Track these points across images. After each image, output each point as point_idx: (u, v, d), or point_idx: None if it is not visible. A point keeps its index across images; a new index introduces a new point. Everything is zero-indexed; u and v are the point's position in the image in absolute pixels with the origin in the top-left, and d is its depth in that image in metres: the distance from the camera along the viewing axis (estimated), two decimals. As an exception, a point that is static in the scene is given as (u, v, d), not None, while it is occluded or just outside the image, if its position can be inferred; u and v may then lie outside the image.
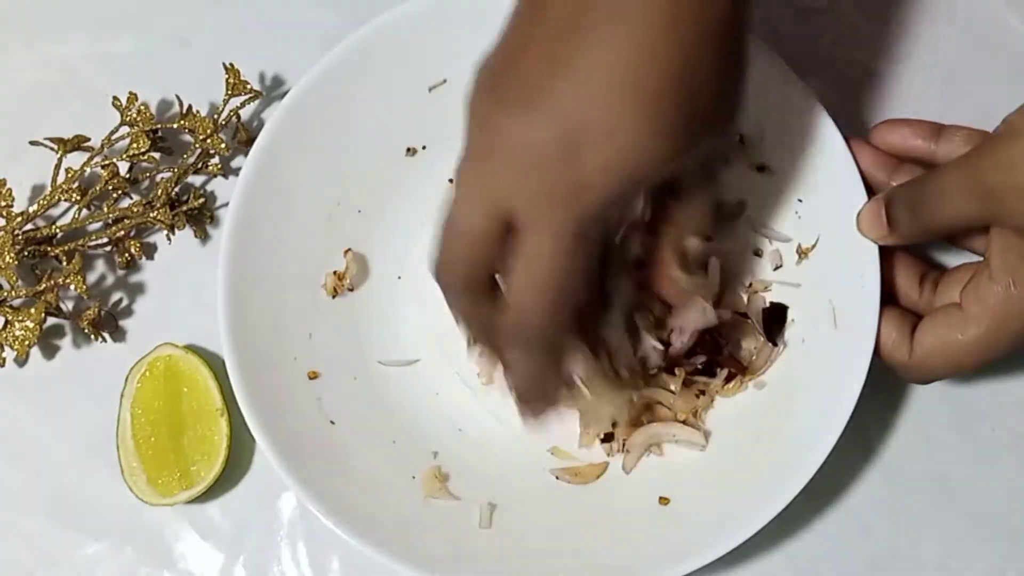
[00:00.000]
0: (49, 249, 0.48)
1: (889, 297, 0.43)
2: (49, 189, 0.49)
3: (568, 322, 0.36)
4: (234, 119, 0.50)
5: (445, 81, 0.47)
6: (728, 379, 0.46)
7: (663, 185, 0.37)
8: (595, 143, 0.32)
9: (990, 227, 0.40)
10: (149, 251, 0.51)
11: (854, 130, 0.48)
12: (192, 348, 0.48)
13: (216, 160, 0.51)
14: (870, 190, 0.43)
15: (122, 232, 0.49)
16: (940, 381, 0.47)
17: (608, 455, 0.46)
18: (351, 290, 0.48)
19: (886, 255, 0.43)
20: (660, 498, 0.45)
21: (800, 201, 0.46)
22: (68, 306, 0.50)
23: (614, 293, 0.42)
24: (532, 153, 0.32)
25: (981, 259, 0.41)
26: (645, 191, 0.36)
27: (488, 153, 0.34)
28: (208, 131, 0.49)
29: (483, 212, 0.34)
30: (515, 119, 0.33)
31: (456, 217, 0.35)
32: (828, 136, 0.44)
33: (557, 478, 0.46)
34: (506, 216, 0.34)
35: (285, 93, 0.46)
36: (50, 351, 0.50)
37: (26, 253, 0.48)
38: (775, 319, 0.45)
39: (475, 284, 0.36)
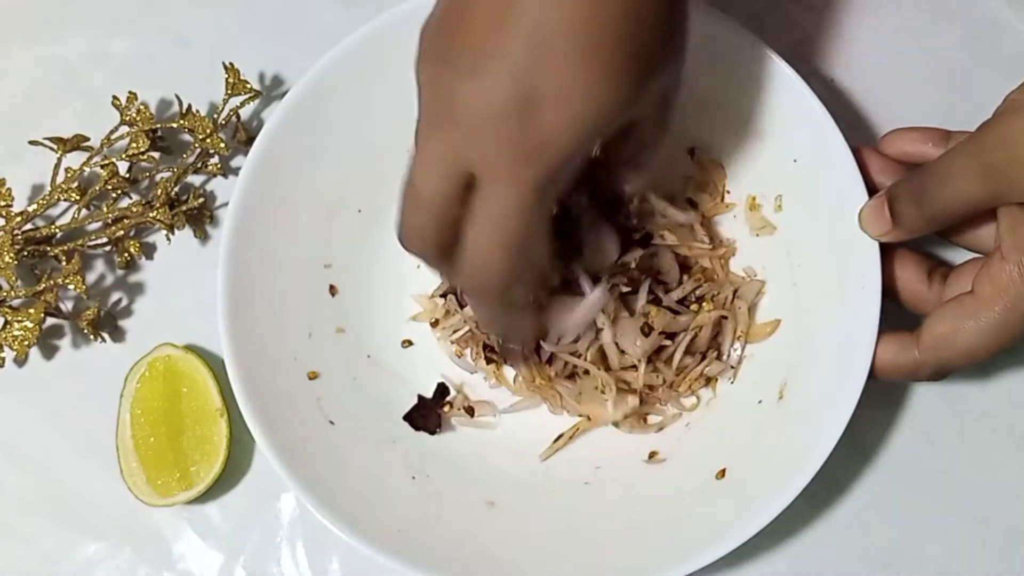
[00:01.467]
0: (48, 249, 0.48)
1: (891, 295, 0.43)
2: (48, 189, 0.49)
3: (527, 273, 0.36)
4: (234, 119, 0.50)
5: (445, 81, 0.47)
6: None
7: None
8: (551, 101, 0.32)
9: (997, 210, 0.40)
10: (148, 251, 0.51)
11: (854, 129, 0.48)
12: (191, 348, 0.48)
13: (216, 160, 0.51)
14: (871, 189, 0.43)
15: (121, 232, 0.49)
16: (941, 381, 0.47)
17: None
18: (351, 290, 0.48)
19: (888, 253, 0.43)
20: (660, 499, 0.45)
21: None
22: (67, 306, 0.50)
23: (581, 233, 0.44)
24: (488, 114, 0.32)
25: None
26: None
27: (444, 116, 0.34)
28: (208, 131, 0.49)
29: (443, 175, 0.34)
30: (467, 82, 0.33)
31: (416, 182, 0.35)
32: (828, 135, 0.44)
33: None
34: (466, 177, 0.34)
35: (285, 93, 0.46)
36: (49, 351, 0.50)
37: (25, 253, 0.48)
38: None
39: (441, 246, 0.36)
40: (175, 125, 0.49)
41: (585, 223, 0.44)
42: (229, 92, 0.49)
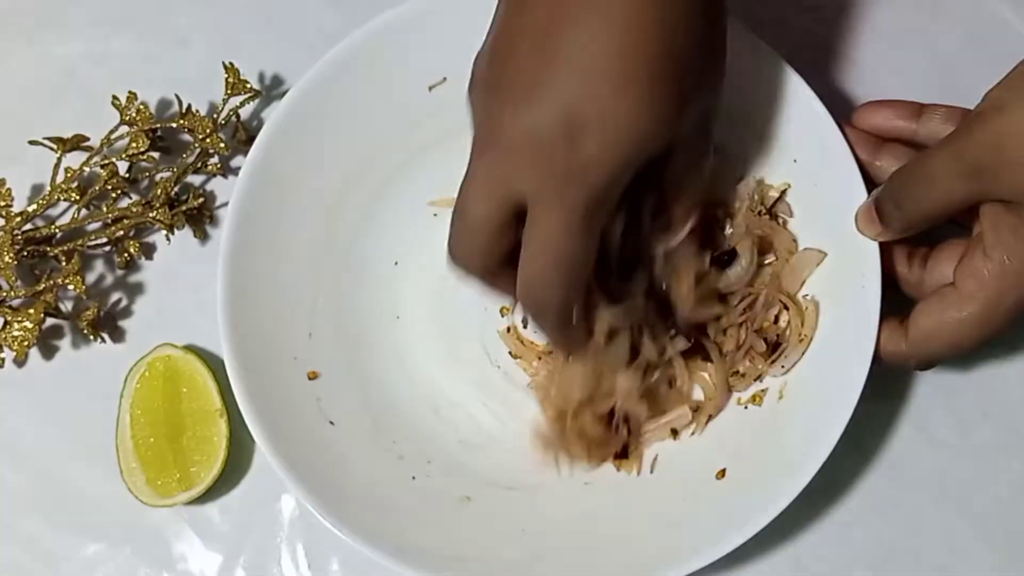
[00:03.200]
0: (48, 249, 0.48)
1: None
2: (48, 189, 0.49)
3: (577, 294, 0.38)
4: (233, 118, 0.50)
5: (445, 80, 0.47)
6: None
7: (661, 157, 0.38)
8: (594, 126, 0.34)
9: (980, 205, 0.40)
10: (148, 251, 0.51)
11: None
12: (191, 348, 0.48)
13: (215, 160, 0.51)
14: (870, 188, 0.43)
15: (121, 232, 0.49)
16: (941, 381, 0.47)
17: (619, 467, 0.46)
18: (351, 290, 0.48)
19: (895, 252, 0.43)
20: (660, 498, 0.45)
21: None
22: (67, 306, 0.50)
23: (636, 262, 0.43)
24: (536, 140, 0.34)
25: (969, 233, 0.41)
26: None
27: (493, 144, 0.35)
28: (207, 130, 0.49)
29: (491, 199, 0.36)
30: (516, 109, 0.34)
31: (466, 205, 0.36)
32: (828, 136, 0.44)
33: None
34: (516, 202, 0.35)
35: (285, 92, 0.46)
36: (49, 352, 0.50)
37: (25, 253, 0.48)
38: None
39: (488, 267, 0.38)
40: (175, 125, 0.49)
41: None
42: (229, 92, 0.49)
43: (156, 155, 0.50)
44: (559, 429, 0.45)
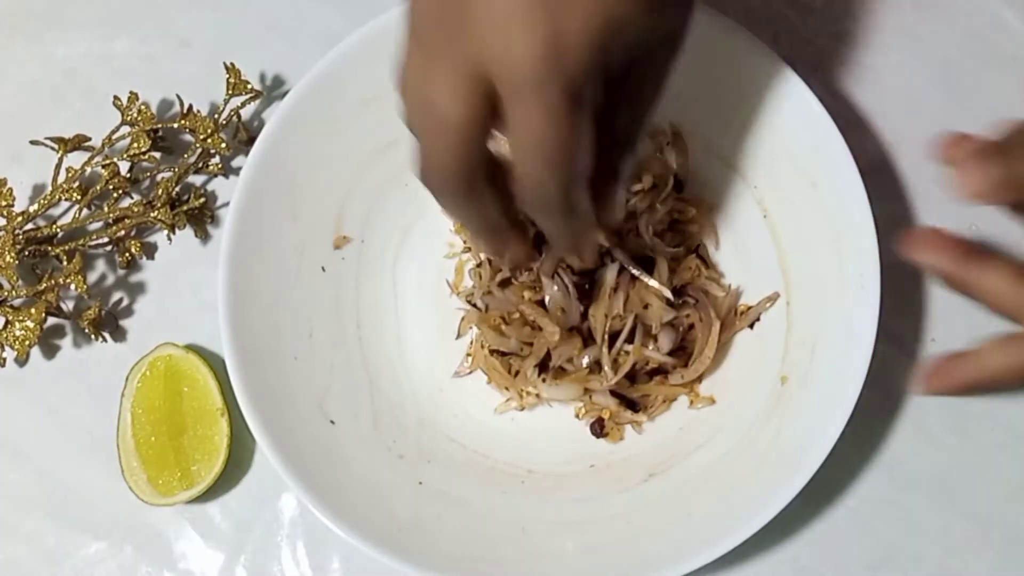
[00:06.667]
0: (50, 249, 0.48)
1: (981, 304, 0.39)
2: (50, 189, 0.49)
3: (575, 188, 0.33)
4: (235, 119, 0.50)
5: (445, 81, 0.47)
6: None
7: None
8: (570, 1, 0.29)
9: None
10: (150, 251, 0.51)
11: (853, 130, 0.48)
12: (193, 348, 0.48)
13: (217, 160, 0.51)
14: (868, 188, 0.43)
15: (123, 232, 0.49)
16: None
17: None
18: (352, 289, 0.48)
19: (977, 262, 0.37)
20: (659, 498, 0.45)
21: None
22: (68, 306, 0.50)
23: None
24: (508, 17, 0.29)
25: None
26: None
27: (455, 27, 0.29)
28: (208, 131, 0.49)
29: (467, 93, 0.30)
30: None
31: (438, 107, 0.30)
32: (827, 136, 0.44)
33: None
34: (488, 88, 0.30)
35: (286, 93, 0.46)
36: (50, 351, 0.50)
37: (27, 253, 0.48)
38: None
39: (473, 176, 0.32)
40: (176, 125, 0.49)
41: None
42: (230, 92, 0.49)
43: (157, 155, 0.50)
44: None
